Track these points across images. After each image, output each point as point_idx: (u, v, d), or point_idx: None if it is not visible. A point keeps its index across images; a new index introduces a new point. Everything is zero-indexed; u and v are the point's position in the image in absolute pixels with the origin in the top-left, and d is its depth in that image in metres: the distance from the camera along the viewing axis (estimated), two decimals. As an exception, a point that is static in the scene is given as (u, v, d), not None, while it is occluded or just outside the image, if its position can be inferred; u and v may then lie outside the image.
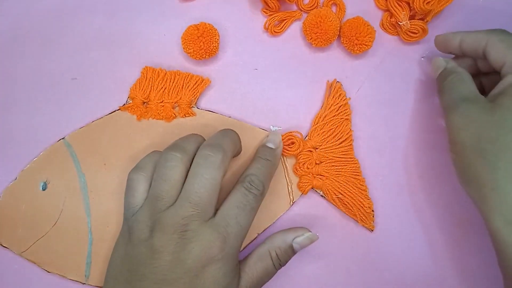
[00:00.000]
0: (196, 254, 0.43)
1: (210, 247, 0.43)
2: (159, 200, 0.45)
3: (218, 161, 0.46)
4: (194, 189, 0.45)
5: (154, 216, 0.45)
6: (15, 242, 0.55)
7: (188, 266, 0.43)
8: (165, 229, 0.43)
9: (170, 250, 0.43)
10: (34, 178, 0.56)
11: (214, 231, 0.44)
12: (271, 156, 0.53)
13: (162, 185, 0.46)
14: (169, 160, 0.47)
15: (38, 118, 0.59)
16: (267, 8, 0.61)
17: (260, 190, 0.49)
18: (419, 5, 0.56)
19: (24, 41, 0.61)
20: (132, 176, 0.49)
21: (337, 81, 0.59)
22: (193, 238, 0.43)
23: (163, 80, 0.58)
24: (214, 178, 0.46)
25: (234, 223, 0.45)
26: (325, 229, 0.57)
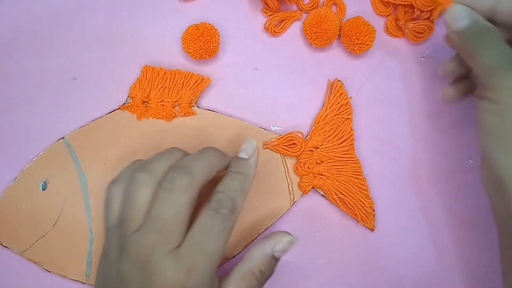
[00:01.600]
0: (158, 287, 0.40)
1: (172, 280, 0.40)
2: (126, 223, 0.43)
3: (185, 185, 0.43)
4: (158, 214, 0.42)
5: (122, 239, 0.43)
6: (15, 241, 0.54)
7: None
8: (130, 256, 0.41)
9: (134, 280, 0.41)
10: (34, 177, 0.56)
11: (176, 264, 0.41)
12: (243, 168, 0.49)
13: (128, 208, 0.44)
14: (135, 183, 0.44)
15: (38, 118, 0.59)
16: (267, 8, 0.61)
17: (229, 208, 0.44)
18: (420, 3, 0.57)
19: (24, 41, 0.61)
20: (110, 187, 0.47)
21: (338, 80, 0.59)
22: (156, 270, 0.40)
23: (163, 79, 0.58)
24: (180, 202, 0.42)
25: (198, 252, 0.42)
26: (325, 229, 0.57)
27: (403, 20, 0.59)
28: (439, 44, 0.61)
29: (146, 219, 0.42)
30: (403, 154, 0.59)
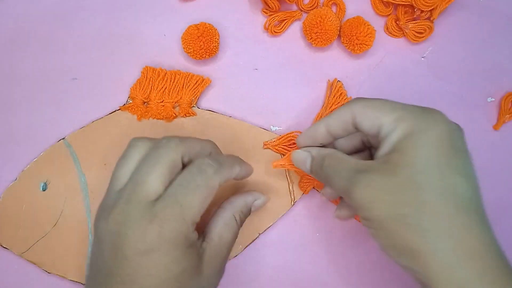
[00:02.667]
0: (130, 240, 0.40)
1: (145, 232, 0.40)
2: (112, 181, 0.45)
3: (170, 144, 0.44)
4: (138, 168, 0.43)
5: (104, 200, 0.44)
6: (15, 242, 0.55)
7: (126, 255, 0.40)
8: (104, 214, 0.42)
9: (107, 239, 0.41)
10: (34, 178, 0.56)
11: (148, 213, 0.40)
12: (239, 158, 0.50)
13: (117, 165, 0.45)
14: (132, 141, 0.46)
15: (38, 118, 0.59)
16: (267, 8, 0.61)
17: (214, 167, 0.44)
18: (420, 3, 0.57)
19: (24, 41, 0.61)
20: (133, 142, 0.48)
21: (337, 80, 0.59)
22: (126, 222, 0.40)
23: (163, 80, 0.58)
24: (159, 155, 0.43)
25: (173, 202, 0.41)
26: (325, 229, 0.57)
27: (403, 20, 0.60)
28: (439, 44, 0.61)
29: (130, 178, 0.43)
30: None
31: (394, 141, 0.41)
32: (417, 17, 0.60)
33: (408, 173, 0.40)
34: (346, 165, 0.44)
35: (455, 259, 0.38)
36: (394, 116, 0.42)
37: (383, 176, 0.41)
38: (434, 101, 0.60)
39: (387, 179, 0.40)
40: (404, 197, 0.39)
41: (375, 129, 0.43)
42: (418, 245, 0.39)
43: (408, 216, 0.39)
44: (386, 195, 0.40)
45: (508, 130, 0.60)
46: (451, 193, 0.39)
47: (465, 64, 0.61)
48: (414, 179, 0.39)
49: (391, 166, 0.41)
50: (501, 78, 0.61)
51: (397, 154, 0.41)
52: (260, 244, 0.55)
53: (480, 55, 0.61)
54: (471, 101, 0.60)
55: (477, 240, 0.38)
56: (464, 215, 0.38)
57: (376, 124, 0.43)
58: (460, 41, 0.62)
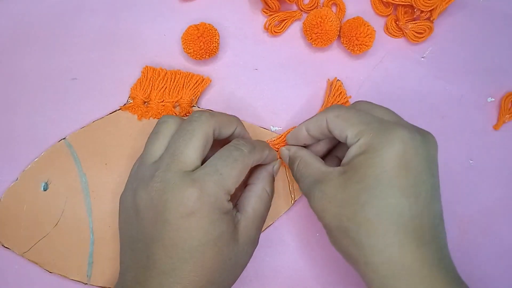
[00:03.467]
0: (171, 205, 0.41)
1: (186, 195, 0.41)
2: (146, 154, 0.46)
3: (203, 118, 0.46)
4: (174, 140, 0.45)
5: (139, 172, 0.46)
6: (16, 242, 0.55)
7: (168, 219, 0.41)
8: (144, 184, 0.43)
9: (148, 206, 0.43)
10: (35, 178, 0.56)
11: (187, 179, 0.42)
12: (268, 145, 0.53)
13: (150, 138, 0.47)
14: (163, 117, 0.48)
15: (39, 119, 0.59)
16: (267, 8, 0.61)
17: (248, 147, 0.47)
18: (420, 3, 0.57)
19: (24, 41, 0.61)
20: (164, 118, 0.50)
21: (337, 79, 0.59)
22: (166, 188, 0.42)
23: (163, 80, 0.58)
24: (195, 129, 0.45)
25: (212, 171, 0.43)
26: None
27: (403, 20, 0.60)
28: (439, 44, 0.61)
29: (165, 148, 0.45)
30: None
31: (351, 155, 0.44)
32: (417, 17, 0.60)
33: (355, 190, 0.42)
34: (310, 172, 0.49)
35: (388, 272, 0.41)
36: (356, 130, 0.44)
37: (336, 188, 0.44)
38: (434, 101, 0.60)
39: (339, 193, 0.44)
40: (348, 212, 0.43)
41: (343, 138, 0.46)
42: (356, 256, 0.43)
43: (349, 230, 0.43)
44: (334, 207, 0.44)
45: (508, 130, 0.60)
46: (391, 213, 0.41)
47: (465, 64, 0.61)
48: (360, 196, 0.42)
49: (344, 180, 0.44)
50: (501, 78, 0.61)
51: (351, 170, 0.44)
52: (260, 244, 0.55)
53: (480, 55, 0.61)
54: (471, 101, 0.60)
55: (411, 257, 0.41)
56: (402, 234, 0.41)
57: (343, 134, 0.46)
58: (460, 41, 0.62)
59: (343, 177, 0.44)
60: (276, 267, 0.56)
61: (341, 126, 0.46)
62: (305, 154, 0.51)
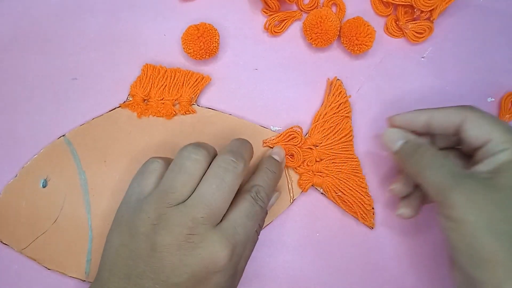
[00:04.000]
0: (202, 260, 0.41)
1: (218, 255, 0.41)
2: (171, 193, 0.43)
3: (239, 170, 0.45)
4: (211, 190, 0.43)
5: (160, 209, 0.43)
6: (15, 239, 0.54)
7: (193, 271, 0.41)
8: (171, 228, 0.41)
9: (174, 252, 0.41)
10: (35, 175, 0.56)
11: (222, 238, 0.42)
12: (276, 169, 0.52)
13: (179, 176, 0.44)
14: (194, 153, 0.45)
15: (38, 118, 0.59)
16: (267, 8, 0.61)
17: (265, 202, 0.48)
18: (420, 3, 0.57)
19: (24, 41, 0.61)
20: (150, 159, 0.48)
21: (337, 78, 0.59)
22: (201, 243, 0.41)
23: (163, 78, 0.58)
24: (233, 184, 0.44)
25: (243, 232, 0.44)
26: (325, 227, 0.57)
27: (403, 20, 0.60)
28: (439, 44, 0.61)
29: (196, 193, 0.43)
30: (403, 154, 0.59)
31: (501, 161, 0.43)
32: (417, 17, 0.60)
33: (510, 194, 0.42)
34: (443, 163, 0.46)
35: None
36: (507, 137, 0.44)
37: (487, 189, 0.42)
38: (434, 101, 0.60)
39: (491, 193, 0.42)
40: (505, 214, 0.41)
41: (480, 142, 0.46)
42: (499, 260, 0.40)
43: (502, 232, 0.40)
44: (488, 206, 0.41)
45: (508, 130, 0.60)
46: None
47: (465, 64, 0.61)
48: None
49: (495, 183, 0.43)
50: (501, 78, 0.61)
51: (503, 174, 0.43)
52: (259, 244, 0.55)
53: (480, 55, 0.61)
54: (471, 101, 0.59)
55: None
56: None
57: (484, 137, 0.45)
58: (460, 41, 0.62)
59: (493, 181, 0.43)
60: (276, 267, 0.56)
61: (485, 129, 0.45)
62: (430, 145, 0.50)
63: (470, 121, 0.46)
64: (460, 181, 0.43)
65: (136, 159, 0.55)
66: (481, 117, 0.46)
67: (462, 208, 0.42)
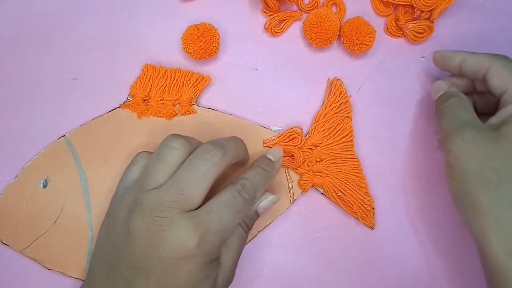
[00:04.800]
0: (169, 245, 0.41)
1: (186, 239, 0.41)
2: (147, 179, 0.44)
3: (216, 158, 0.45)
4: (184, 175, 0.43)
5: (136, 195, 0.44)
6: (15, 239, 0.54)
7: (161, 256, 0.41)
8: (142, 211, 0.42)
9: (143, 235, 0.41)
10: (35, 175, 0.56)
11: (191, 223, 0.41)
12: (268, 167, 0.51)
13: (155, 163, 0.45)
14: (172, 141, 0.46)
15: (38, 118, 0.59)
16: (267, 8, 0.61)
17: (251, 196, 0.47)
18: (420, 3, 0.57)
19: (24, 41, 0.61)
20: (138, 154, 0.49)
21: (337, 79, 0.59)
22: (168, 226, 0.41)
23: (163, 78, 0.58)
24: (208, 171, 0.44)
25: (216, 219, 0.43)
26: (325, 229, 0.57)
27: (403, 20, 0.60)
28: (439, 44, 0.61)
29: (171, 179, 0.44)
30: (403, 154, 0.59)
31: (509, 113, 0.45)
32: (417, 17, 0.60)
33: (510, 146, 0.43)
34: (464, 113, 0.49)
35: None
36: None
37: (487, 139, 0.45)
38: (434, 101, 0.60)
39: (489, 143, 0.44)
40: (496, 164, 0.43)
41: (499, 91, 0.47)
42: (486, 208, 0.43)
43: (491, 181, 0.43)
44: (481, 155, 0.44)
45: (508, 130, 0.60)
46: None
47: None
48: None
49: (498, 134, 0.45)
50: (501, 78, 0.61)
51: (508, 127, 0.44)
52: (259, 244, 0.55)
53: (480, 55, 0.62)
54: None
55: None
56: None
57: (503, 87, 0.47)
58: (460, 41, 0.62)
59: (497, 132, 0.45)
60: (276, 267, 0.56)
61: (504, 79, 0.47)
62: (465, 97, 0.51)
63: (493, 69, 0.48)
64: (463, 129, 0.46)
65: (136, 159, 0.55)
66: (504, 66, 0.48)
67: (457, 155, 0.45)
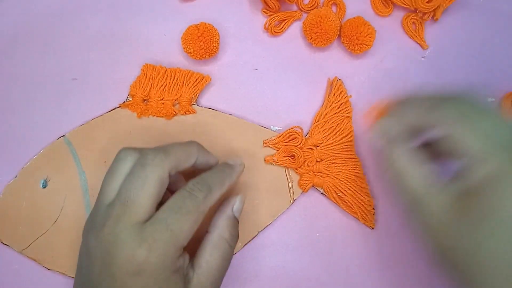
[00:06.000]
0: (119, 261, 0.39)
1: (133, 254, 0.39)
2: (100, 195, 0.43)
3: (155, 161, 0.43)
4: (125, 185, 0.42)
5: (92, 214, 0.43)
6: (15, 239, 0.54)
7: (114, 274, 0.39)
8: (95, 229, 0.41)
9: (97, 254, 0.41)
10: (35, 175, 0.56)
11: (138, 237, 0.40)
12: (227, 168, 0.49)
13: (106, 177, 0.44)
14: (120, 153, 0.45)
15: (38, 118, 0.59)
16: (267, 8, 0.61)
17: (204, 191, 0.44)
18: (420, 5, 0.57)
19: (24, 41, 0.61)
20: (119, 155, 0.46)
21: (338, 78, 0.59)
22: (116, 242, 0.40)
23: (163, 78, 0.58)
24: (147, 176, 0.42)
25: (163, 228, 0.40)
26: (325, 229, 0.57)
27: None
28: (439, 44, 0.61)
29: (117, 192, 0.42)
30: (403, 154, 0.58)
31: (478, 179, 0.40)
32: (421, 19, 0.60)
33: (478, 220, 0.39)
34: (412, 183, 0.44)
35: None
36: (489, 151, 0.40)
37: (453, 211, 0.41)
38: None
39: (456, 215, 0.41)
40: (469, 244, 0.39)
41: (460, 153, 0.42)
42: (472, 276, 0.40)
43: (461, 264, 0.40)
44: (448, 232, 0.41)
45: (509, 130, 0.60)
46: None
47: (465, 64, 0.61)
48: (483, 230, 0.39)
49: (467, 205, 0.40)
50: (501, 78, 0.61)
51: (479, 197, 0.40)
52: (259, 244, 0.55)
53: (480, 55, 0.61)
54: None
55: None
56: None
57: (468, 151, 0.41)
58: (460, 41, 0.62)
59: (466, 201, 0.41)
60: (276, 267, 0.56)
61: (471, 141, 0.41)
62: (404, 156, 0.46)
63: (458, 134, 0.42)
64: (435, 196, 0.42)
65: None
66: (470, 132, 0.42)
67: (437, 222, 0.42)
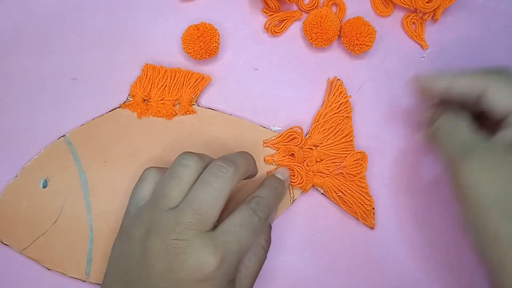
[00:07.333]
0: (188, 267, 0.40)
1: (205, 262, 0.40)
2: (162, 198, 0.43)
3: (229, 174, 0.44)
4: (199, 195, 0.42)
5: (152, 215, 0.43)
6: (15, 239, 0.54)
7: (180, 278, 0.40)
8: (160, 233, 0.41)
9: (162, 258, 0.41)
10: (35, 175, 0.56)
11: (210, 245, 0.41)
12: (279, 186, 0.51)
13: (170, 181, 0.44)
14: (185, 159, 0.45)
15: (38, 118, 0.59)
16: (267, 8, 0.61)
17: (266, 214, 0.46)
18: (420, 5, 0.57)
19: (24, 41, 0.61)
20: (147, 170, 0.48)
21: (337, 78, 0.59)
22: (187, 248, 0.40)
23: (163, 78, 0.58)
24: (222, 189, 0.43)
25: (234, 240, 0.42)
26: (325, 230, 0.57)
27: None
28: (439, 44, 0.61)
29: (185, 199, 0.43)
30: (403, 154, 0.59)
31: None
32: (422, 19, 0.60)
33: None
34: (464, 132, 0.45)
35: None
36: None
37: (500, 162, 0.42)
38: (434, 101, 0.60)
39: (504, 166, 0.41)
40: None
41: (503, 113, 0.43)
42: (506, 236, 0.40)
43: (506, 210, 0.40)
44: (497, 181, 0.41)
45: (508, 130, 0.59)
46: None
47: (465, 64, 0.61)
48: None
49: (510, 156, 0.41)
50: (501, 78, 0.61)
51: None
52: (260, 244, 0.55)
53: (480, 55, 0.61)
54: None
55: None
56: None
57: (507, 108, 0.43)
58: (460, 41, 0.62)
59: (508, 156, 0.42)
60: (276, 267, 0.56)
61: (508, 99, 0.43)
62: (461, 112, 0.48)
63: (495, 89, 0.44)
64: (472, 154, 0.43)
65: (136, 159, 0.55)
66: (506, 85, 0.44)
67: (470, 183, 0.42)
